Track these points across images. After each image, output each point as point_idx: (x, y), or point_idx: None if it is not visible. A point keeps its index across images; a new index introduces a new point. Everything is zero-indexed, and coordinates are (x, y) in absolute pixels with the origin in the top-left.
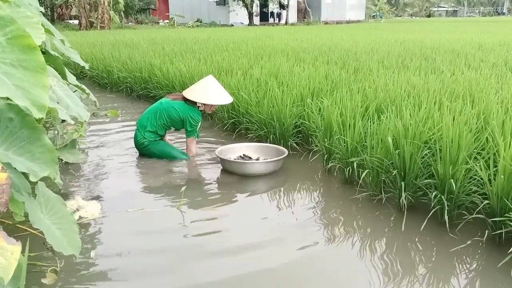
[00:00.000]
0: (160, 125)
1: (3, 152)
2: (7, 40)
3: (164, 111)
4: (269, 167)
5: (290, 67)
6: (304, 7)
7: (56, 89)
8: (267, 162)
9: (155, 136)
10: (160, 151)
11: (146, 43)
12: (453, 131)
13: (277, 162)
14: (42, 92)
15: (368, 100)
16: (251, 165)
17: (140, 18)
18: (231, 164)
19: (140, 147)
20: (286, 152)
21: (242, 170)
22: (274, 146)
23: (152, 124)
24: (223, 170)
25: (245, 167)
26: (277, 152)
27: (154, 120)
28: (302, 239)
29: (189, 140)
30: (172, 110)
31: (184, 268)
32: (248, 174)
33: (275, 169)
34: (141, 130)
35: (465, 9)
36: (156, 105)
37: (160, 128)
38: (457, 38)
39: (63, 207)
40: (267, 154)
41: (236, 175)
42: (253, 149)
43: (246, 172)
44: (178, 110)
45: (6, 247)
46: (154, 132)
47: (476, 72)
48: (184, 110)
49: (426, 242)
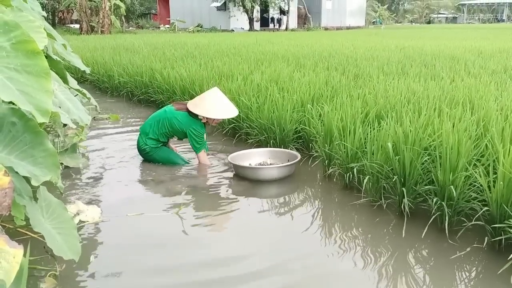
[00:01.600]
0: (162, 133)
1: (5, 156)
2: (12, 45)
3: (166, 120)
4: (284, 172)
5: (291, 72)
6: (305, 13)
7: (58, 93)
8: (281, 167)
9: (156, 143)
10: (162, 158)
11: (147, 47)
12: (452, 138)
13: (291, 166)
14: (45, 97)
15: (368, 106)
16: (266, 171)
17: (141, 23)
18: (245, 170)
19: (142, 153)
20: (299, 156)
21: (256, 175)
22: (286, 150)
23: (154, 132)
24: (223, 176)
25: (260, 173)
26: (290, 156)
27: (157, 128)
28: (301, 245)
29: (200, 154)
30: (175, 121)
31: (183, 273)
32: (263, 180)
33: (289, 173)
34: (143, 137)
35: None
36: (160, 113)
37: (161, 136)
38: (457, 44)
39: (64, 212)
40: (281, 159)
41: (236, 181)
42: (266, 154)
43: (261, 177)
44: (180, 122)
45: (8, 250)
46: (156, 140)
47: (475, 79)
48: (186, 122)
49: (426, 249)
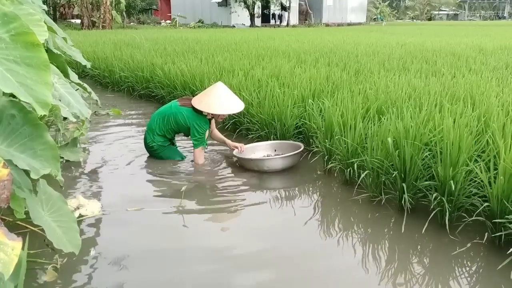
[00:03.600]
0: (168, 129)
1: (5, 148)
2: (11, 37)
3: (172, 116)
4: (288, 162)
5: (292, 68)
6: (306, 9)
7: (58, 87)
8: (285, 157)
9: (164, 141)
10: (168, 157)
11: (148, 42)
12: (453, 133)
13: (294, 156)
14: (45, 89)
15: (369, 102)
16: (269, 161)
17: (142, 18)
18: (249, 162)
19: (149, 149)
20: (302, 146)
21: (261, 166)
22: (289, 141)
23: (161, 128)
24: (223, 171)
25: (264, 163)
26: (293, 147)
27: (163, 125)
28: (301, 239)
29: (197, 150)
30: (180, 117)
31: (183, 268)
32: (268, 170)
33: (293, 163)
34: (150, 133)
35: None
36: (165, 109)
37: (168, 132)
38: (458, 41)
39: (64, 205)
40: (285, 150)
41: (237, 176)
42: (270, 146)
43: (265, 168)
44: (185, 117)
45: (7, 242)
46: (163, 136)
47: (477, 75)
48: (191, 117)
49: (426, 244)
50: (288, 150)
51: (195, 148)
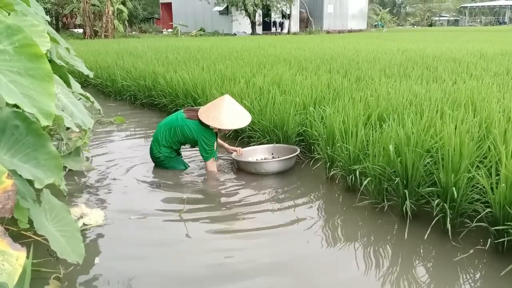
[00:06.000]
0: (174, 141)
1: (8, 159)
2: (15, 49)
3: (178, 128)
4: (284, 165)
5: (293, 75)
6: (306, 17)
7: (61, 97)
8: (281, 160)
9: (170, 152)
10: (173, 167)
11: (150, 51)
12: (455, 140)
13: (290, 159)
14: (48, 100)
15: (370, 109)
16: (266, 164)
17: (144, 27)
18: (247, 165)
19: (155, 160)
20: (298, 150)
21: (259, 169)
22: (286, 145)
23: (167, 140)
24: (226, 180)
25: (262, 166)
26: (290, 150)
27: (169, 137)
28: (304, 247)
29: (208, 163)
30: (187, 129)
31: (186, 276)
32: (265, 173)
33: (290, 166)
34: (156, 144)
35: (467, 19)
36: (172, 120)
37: (174, 144)
38: (458, 47)
39: (68, 215)
40: (281, 153)
41: (239, 184)
42: (268, 150)
43: (263, 170)
44: (192, 130)
45: (11, 252)
46: (169, 147)
47: (478, 81)
48: (198, 130)
49: (429, 251)
50: (284, 154)
51: (206, 160)
